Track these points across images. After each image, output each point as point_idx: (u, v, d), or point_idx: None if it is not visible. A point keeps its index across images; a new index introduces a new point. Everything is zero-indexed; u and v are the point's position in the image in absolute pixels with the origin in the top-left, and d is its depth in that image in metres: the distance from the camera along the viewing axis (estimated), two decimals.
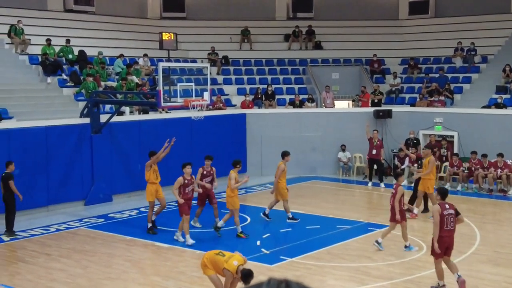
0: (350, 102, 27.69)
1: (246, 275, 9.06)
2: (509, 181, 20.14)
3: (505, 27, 28.03)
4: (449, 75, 26.38)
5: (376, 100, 25.40)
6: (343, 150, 23.75)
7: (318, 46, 29.73)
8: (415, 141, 22.90)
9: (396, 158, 23.13)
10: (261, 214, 16.46)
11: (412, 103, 25.21)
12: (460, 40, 27.43)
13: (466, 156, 21.68)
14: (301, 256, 13.04)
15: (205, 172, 15.38)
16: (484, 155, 20.53)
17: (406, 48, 29.50)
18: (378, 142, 21.77)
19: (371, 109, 24.36)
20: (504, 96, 23.32)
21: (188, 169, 14.22)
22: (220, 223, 14.75)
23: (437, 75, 26.34)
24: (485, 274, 11.99)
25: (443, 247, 10.70)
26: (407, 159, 22.32)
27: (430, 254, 11.11)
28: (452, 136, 22.85)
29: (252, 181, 22.31)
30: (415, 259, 12.75)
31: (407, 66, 27.96)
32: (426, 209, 16.98)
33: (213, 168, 15.50)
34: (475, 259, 12.90)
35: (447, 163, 21.88)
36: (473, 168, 20.72)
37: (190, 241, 13.91)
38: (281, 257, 13.07)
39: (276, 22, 31.33)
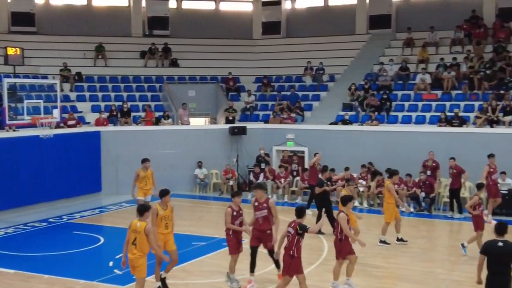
0: (207, 119, 28.04)
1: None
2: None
3: (351, 47, 29.77)
4: (300, 93, 27.53)
5: (230, 118, 25.93)
6: (200, 167, 23.94)
7: (174, 64, 29.83)
8: (266, 156, 23.66)
9: (251, 174, 23.70)
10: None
11: (266, 120, 25.98)
12: (310, 59, 28.73)
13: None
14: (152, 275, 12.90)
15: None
16: (332, 170, 21.54)
17: (260, 67, 30.42)
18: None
19: (227, 126, 24.81)
20: (349, 113, 24.73)
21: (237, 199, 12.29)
22: None
23: (288, 93, 27.40)
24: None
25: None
26: (261, 174, 22.98)
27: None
28: (303, 152, 23.83)
29: (107, 200, 21.92)
30: (267, 271, 13.06)
31: (261, 84, 28.81)
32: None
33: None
34: (324, 269, 13.45)
35: (298, 178, 22.76)
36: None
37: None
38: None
39: (132, 39, 31.04)
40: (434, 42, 27.72)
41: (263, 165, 23.36)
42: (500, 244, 9.19)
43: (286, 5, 33.36)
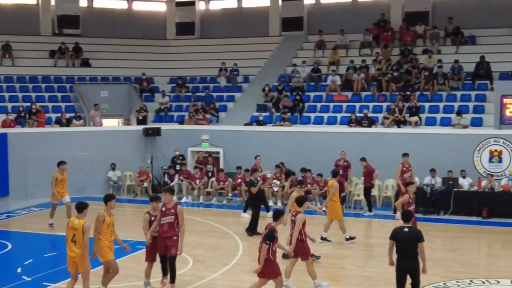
0: (120, 120, 27.60)
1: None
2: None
3: (264, 49, 30.11)
4: (215, 94, 27.58)
5: (140, 118, 25.67)
6: (113, 169, 23.52)
7: (86, 64, 29.16)
8: (180, 158, 23.58)
9: (166, 176, 23.53)
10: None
11: (181, 121, 25.86)
12: (224, 60, 28.84)
13: (231, 171, 22.78)
14: (66, 281, 12.58)
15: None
16: (247, 170, 21.72)
17: (174, 68, 30.25)
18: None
19: (141, 127, 24.52)
20: (264, 114, 25.01)
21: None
22: None
23: (203, 94, 27.39)
24: (247, 283, 12.61)
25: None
26: (176, 176, 22.86)
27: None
28: (218, 152, 23.90)
29: (15, 205, 21.16)
30: (182, 273, 13.01)
31: (175, 85, 28.65)
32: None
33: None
34: (238, 269, 13.54)
35: (213, 179, 22.81)
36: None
37: None
38: (44, 283, 12.51)
39: (41, 38, 30.13)
40: (344, 44, 28.47)
41: (178, 167, 23.25)
42: (406, 230, 10.15)
43: (200, 6, 33.33)
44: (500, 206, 19.10)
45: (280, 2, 31.20)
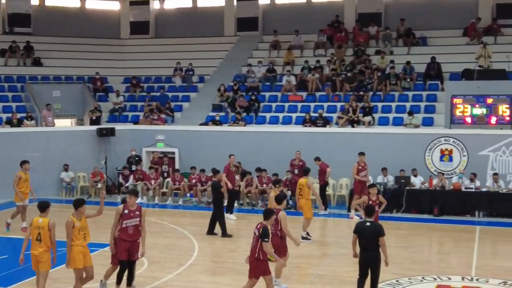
0: (73, 120, 27.17)
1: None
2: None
3: (219, 49, 30.09)
4: (170, 94, 27.44)
5: (94, 118, 25.37)
6: (66, 170, 23.16)
7: (37, 63, 28.64)
8: (136, 158, 23.40)
9: (120, 176, 23.31)
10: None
11: (136, 121, 25.64)
12: (179, 60, 28.71)
13: (186, 171, 22.71)
14: (17, 284, 12.38)
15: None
16: (202, 170, 21.74)
17: (128, 67, 29.99)
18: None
19: (94, 128, 24.22)
20: (220, 114, 25.00)
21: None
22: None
23: (158, 94, 27.21)
24: (203, 283, 12.64)
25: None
26: (131, 177, 22.67)
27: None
28: (174, 153, 23.79)
29: None
30: (137, 275, 12.90)
31: (129, 84, 28.38)
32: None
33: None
34: (194, 270, 13.52)
35: (169, 179, 22.70)
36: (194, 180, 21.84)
37: None
38: None
39: None
40: (299, 45, 28.69)
41: (134, 167, 23.05)
42: (368, 224, 10.61)
43: (155, 5, 33.10)
44: (450, 204, 19.57)
45: (235, 2, 31.24)
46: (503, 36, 26.25)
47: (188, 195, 22.00)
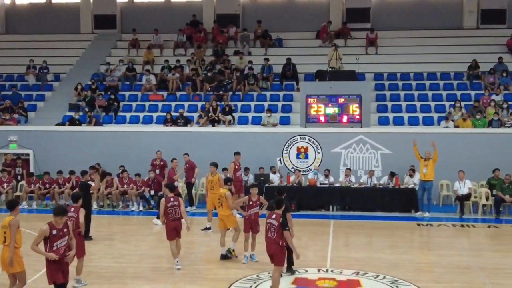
0: None
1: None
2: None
3: (76, 47, 29.25)
4: (23, 93, 26.27)
5: None
6: None
7: None
8: None
9: None
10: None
11: None
12: (33, 58, 27.52)
13: (40, 174, 21.84)
14: None
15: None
16: (60, 172, 21.03)
17: None
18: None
19: None
20: (80, 113, 24.25)
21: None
22: None
23: (10, 93, 25.94)
24: None
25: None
26: None
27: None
28: (28, 154, 22.78)
29: None
30: None
31: None
32: None
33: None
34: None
35: (23, 182, 21.72)
36: (47, 185, 21.04)
37: None
38: None
39: None
40: (159, 44, 28.58)
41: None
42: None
43: (5, 0, 31.43)
44: (307, 199, 20.44)
45: None
46: (353, 39, 27.83)
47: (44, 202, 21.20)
